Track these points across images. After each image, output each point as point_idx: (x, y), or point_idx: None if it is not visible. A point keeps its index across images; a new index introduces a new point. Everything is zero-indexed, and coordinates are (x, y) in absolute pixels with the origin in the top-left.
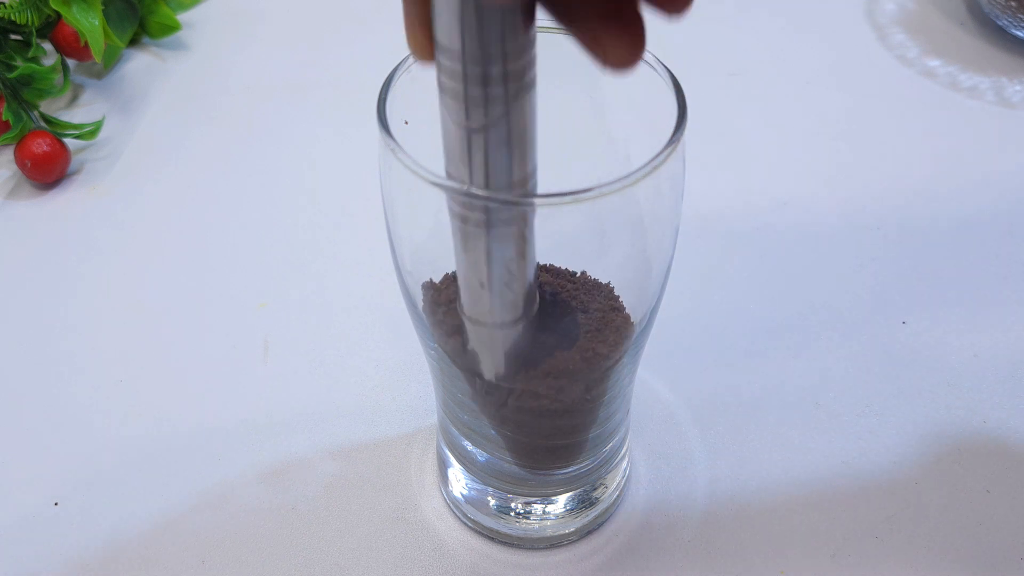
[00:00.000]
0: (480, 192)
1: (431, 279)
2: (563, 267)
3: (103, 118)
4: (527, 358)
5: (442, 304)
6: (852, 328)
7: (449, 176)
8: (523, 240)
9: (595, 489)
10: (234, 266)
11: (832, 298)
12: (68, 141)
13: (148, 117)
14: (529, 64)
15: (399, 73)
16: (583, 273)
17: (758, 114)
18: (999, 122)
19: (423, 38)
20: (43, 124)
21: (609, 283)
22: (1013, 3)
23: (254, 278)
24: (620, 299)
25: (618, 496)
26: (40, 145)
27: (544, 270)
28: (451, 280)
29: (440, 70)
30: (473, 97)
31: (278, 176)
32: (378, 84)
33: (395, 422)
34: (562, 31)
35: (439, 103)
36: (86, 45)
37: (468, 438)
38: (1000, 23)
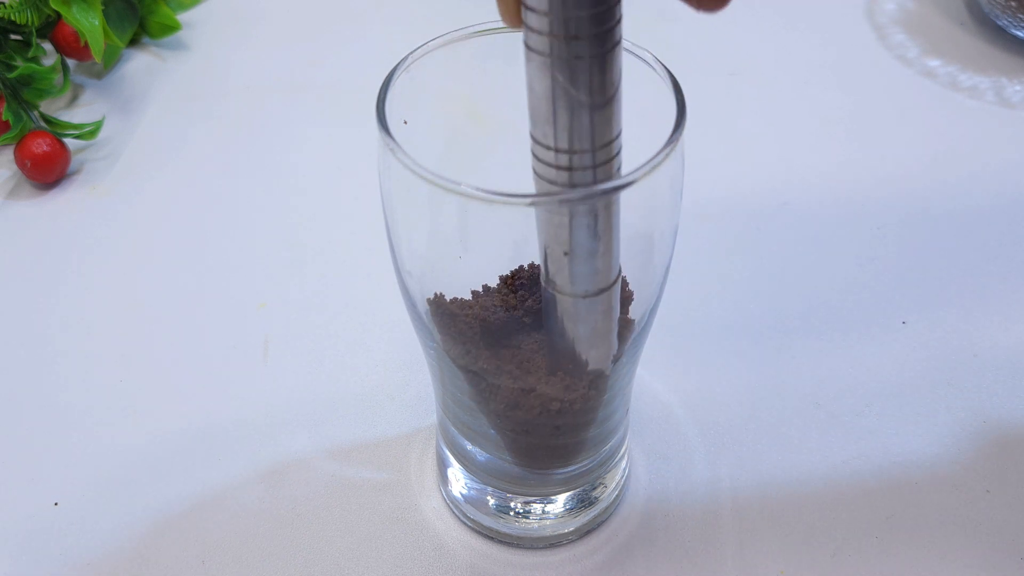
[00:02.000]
0: (484, 194)
1: (436, 294)
2: None
3: (103, 118)
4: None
5: (448, 314)
6: (852, 328)
7: (534, 139)
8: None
9: (594, 488)
10: (234, 266)
11: (832, 298)
12: (68, 141)
13: (148, 117)
14: (614, 23)
15: (398, 73)
16: None
17: (758, 114)
18: (999, 122)
19: (513, 4)
20: (43, 124)
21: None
22: (1013, 3)
23: (254, 278)
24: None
25: (617, 495)
26: (40, 145)
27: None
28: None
29: (528, 31)
30: (559, 57)
31: (278, 176)
32: (378, 84)
33: (395, 422)
34: None
35: (526, 65)
36: (86, 45)
37: (467, 438)
38: (1000, 23)
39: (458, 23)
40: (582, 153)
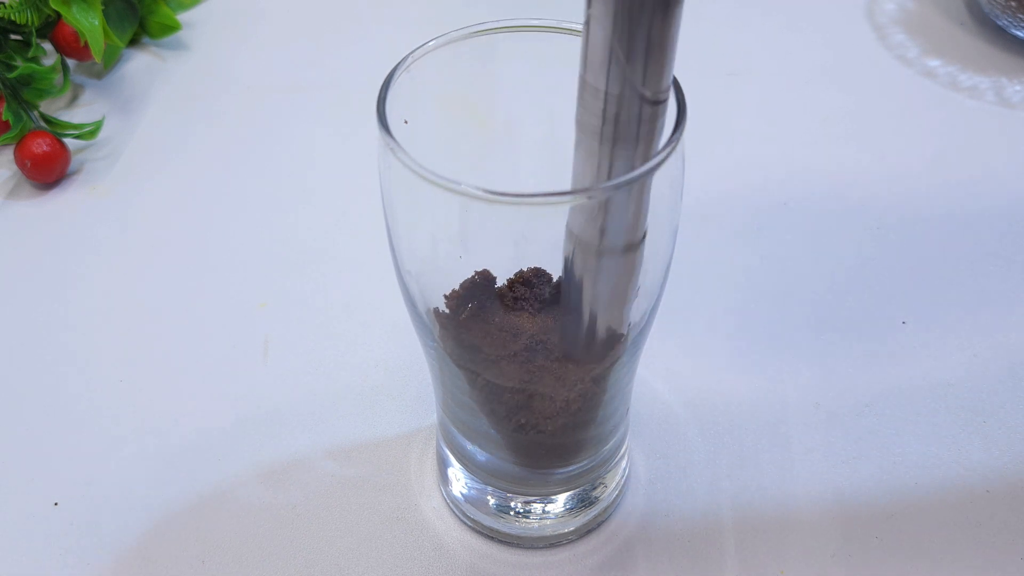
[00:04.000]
0: (485, 194)
1: (438, 308)
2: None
3: (103, 118)
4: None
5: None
6: (852, 328)
7: (584, 83)
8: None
9: (594, 488)
10: (234, 266)
11: (832, 298)
12: (68, 141)
13: (148, 117)
14: None
15: (399, 73)
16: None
17: (758, 114)
18: (999, 122)
19: None
20: (43, 124)
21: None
22: (1013, 3)
23: (254, 278)
24: None
25: (617, 495)
26: (40, 145)
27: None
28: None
29: None
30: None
31: (278, 176)
32: (378, 84)
33: (395, 422)
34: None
35: (584, 12)
36: (86, 45)
37: (467, 437)
38: (1000, 23)
39: (458, 23)
40: (631, 104)
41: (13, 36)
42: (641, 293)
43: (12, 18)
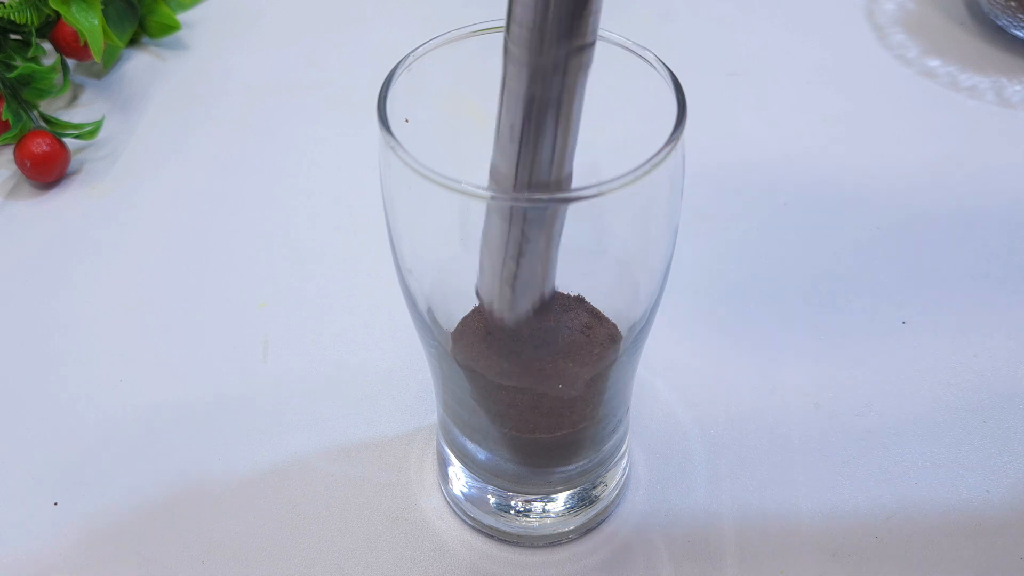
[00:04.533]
0: (485, 193)
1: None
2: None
3: (103, 118)
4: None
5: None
6: (852, 328)
7: (494, 173)
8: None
9: (595, 487)
10: (234, 266)
11: (832, 297)
12: (68, 141)
13: (148, 117)
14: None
15: (399, 72)
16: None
17: (758, 114)
18: (999, 122)
19: None
20: (43, 124)
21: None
22: (1013, 3)
23: (254, 278)
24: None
25: (618, 495)
26: (40, 145)
27: None
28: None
29: (509, 38)
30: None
31: (278, 176)
32: (378, 83)
33: (395, 421)
34: None
35: (503, 73)
36: (86, 45)
37: (468, 436)
38: (1000, 23)
39: (458, 22)
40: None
41: (13, 36)
42: (641, 293)
43: (12, 18)
